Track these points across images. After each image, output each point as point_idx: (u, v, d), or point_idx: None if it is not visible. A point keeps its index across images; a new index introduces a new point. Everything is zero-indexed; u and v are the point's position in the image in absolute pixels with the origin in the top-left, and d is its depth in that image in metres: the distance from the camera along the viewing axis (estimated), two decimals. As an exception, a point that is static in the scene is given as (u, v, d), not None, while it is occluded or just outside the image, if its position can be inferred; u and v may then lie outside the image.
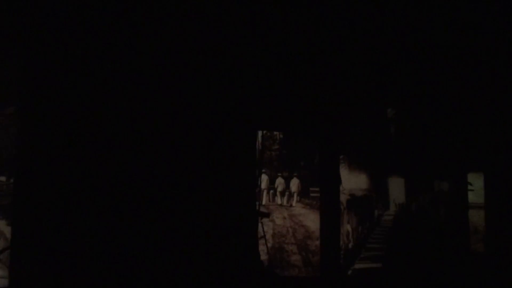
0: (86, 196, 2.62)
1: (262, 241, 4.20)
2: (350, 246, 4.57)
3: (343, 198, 4.54)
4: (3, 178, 3.77)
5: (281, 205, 4.71)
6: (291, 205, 4.70)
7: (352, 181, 4.69)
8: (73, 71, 2.71)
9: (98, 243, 2.60)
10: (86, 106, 2.68)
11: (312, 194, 4.63)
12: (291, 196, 4.70)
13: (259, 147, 4.57)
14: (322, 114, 4.43)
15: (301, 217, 4.63)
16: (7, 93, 3.29)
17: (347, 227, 4.58)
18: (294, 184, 4.71)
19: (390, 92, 4.59)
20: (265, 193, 4.64)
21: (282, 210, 4.68)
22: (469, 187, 4.76)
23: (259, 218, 3.49)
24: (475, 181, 4.77)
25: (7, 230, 3.15)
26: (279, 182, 4.69)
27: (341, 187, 4.52)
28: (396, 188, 4.82)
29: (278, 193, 4.70)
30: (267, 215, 3.76)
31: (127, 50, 2.77)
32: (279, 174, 4.69)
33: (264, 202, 4.63)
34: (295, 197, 4.70)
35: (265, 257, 4.22)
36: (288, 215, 4.65)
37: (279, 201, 4.70)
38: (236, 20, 3.17)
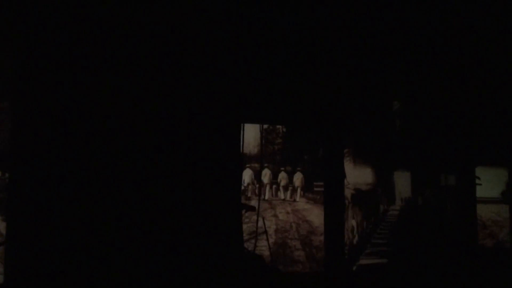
0: (82, 192, 2.59)
1: (264, 237, 4.18)
2: (355, 242, 4.53)
3: (348, 193, 4.50)
4: (-1, 173, 3.77)
5: (284, 200, 4.67)
6: (295, 200, 4.66)
7: (357, 175, 4.63)
8: (67, 66, 2.67)
9: (94, 239, 2.57)
10: (81, 101, 2.64)
11: (316, 189, 4.60)
12: (295, 191, 4.67)
13: (262, 141, 4.53)
14: (326, 107, 4.39)
15: (305, 212, 4.59)
16: (0, 88, 3.26)
17: (352, 222, 4.54)
18: (298, 179, 4.67)
19: (396, 85, 4.53)
20: (268, 188, 4.60)
21: (286, 205, 4.64)
22: (477, 181, 4.69)
23: (243, 211, 3.46)
24: (483, 175, 4.72)
25: (3, 226, 3.13)
26: (282, 177, 4.66)
27: (346, 182, 4.47)
28: (402, 182, 4.76)
29: (281, 188, 4.66)
30: (253, 209, 3.72)
31: (114, 46, 2.73)
32: (282, 169, 4.65)
33: (267, 197, 4.59)
34: (299, 192, 4.66)
35: (267, 253, 4.20)
36: (292, 210, 4.61)
37: (282, 196, 4.67)
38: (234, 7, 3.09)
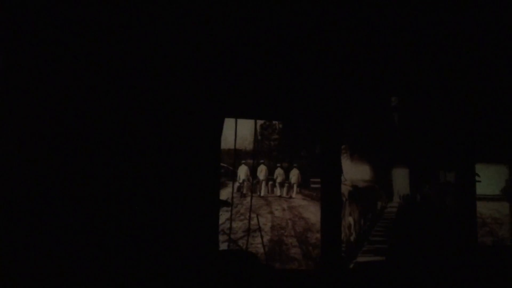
0: (70, 190, 2.54)
1: (258, 234, 4.14)
2: (352, 239, 4.49)
3: (345, 189, 4.46)
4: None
5: (281, 197, 4.61)
6: (291, 197, 4.61)
7: (354, 172, 4.58)
8: (52, 65, 2.62)
9: (85, 237, 2.53)
10: (65, 100, 2.59)
11: (313, 185, 4.55)
12: (291, 187, 4.61)
13: (258, 137, 4.48)
14: (323, 102, 4.35)
15: (301, 209, 4.54)
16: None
17: (349, 219, 4.49)
18: (294, 175, 4.62)
19: (394, 80, 4.50)
20: (264, 184, 4.55)
21: (282, 202, 4.59)
22: (477, 178, 4.66)
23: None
24: (483, 172, 4.68)
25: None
26: (279, 173, 4.60)
27: (343, 178, 4.44)
28: (400, 179, 4.71)
29: (278, 184, 4.61)
30: (228, 204, 3.75)
31: (97, 41, 2.69)
32: (279, 165, 4.60)
33: (263, 194, 4.53)
34: (295, 188, 4.61)
35: (261, 251, 4.16)
36: (288, 207, 4.56)
37: (279, 193, 4.61)
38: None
